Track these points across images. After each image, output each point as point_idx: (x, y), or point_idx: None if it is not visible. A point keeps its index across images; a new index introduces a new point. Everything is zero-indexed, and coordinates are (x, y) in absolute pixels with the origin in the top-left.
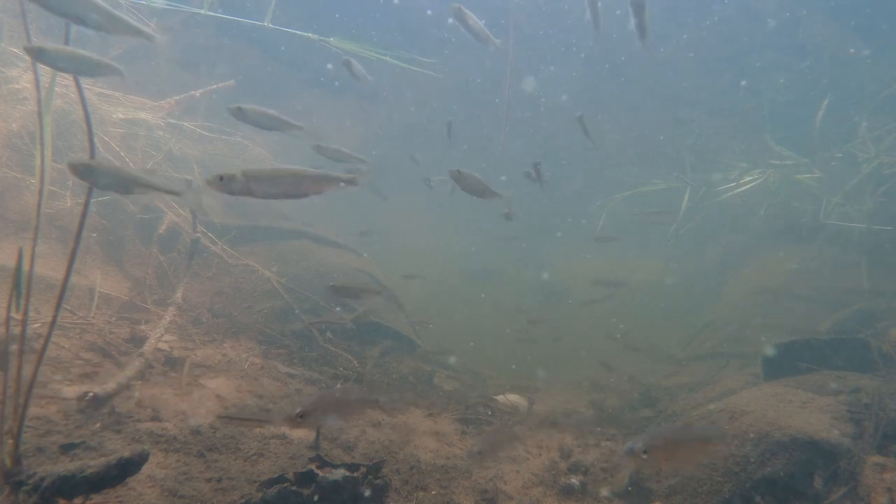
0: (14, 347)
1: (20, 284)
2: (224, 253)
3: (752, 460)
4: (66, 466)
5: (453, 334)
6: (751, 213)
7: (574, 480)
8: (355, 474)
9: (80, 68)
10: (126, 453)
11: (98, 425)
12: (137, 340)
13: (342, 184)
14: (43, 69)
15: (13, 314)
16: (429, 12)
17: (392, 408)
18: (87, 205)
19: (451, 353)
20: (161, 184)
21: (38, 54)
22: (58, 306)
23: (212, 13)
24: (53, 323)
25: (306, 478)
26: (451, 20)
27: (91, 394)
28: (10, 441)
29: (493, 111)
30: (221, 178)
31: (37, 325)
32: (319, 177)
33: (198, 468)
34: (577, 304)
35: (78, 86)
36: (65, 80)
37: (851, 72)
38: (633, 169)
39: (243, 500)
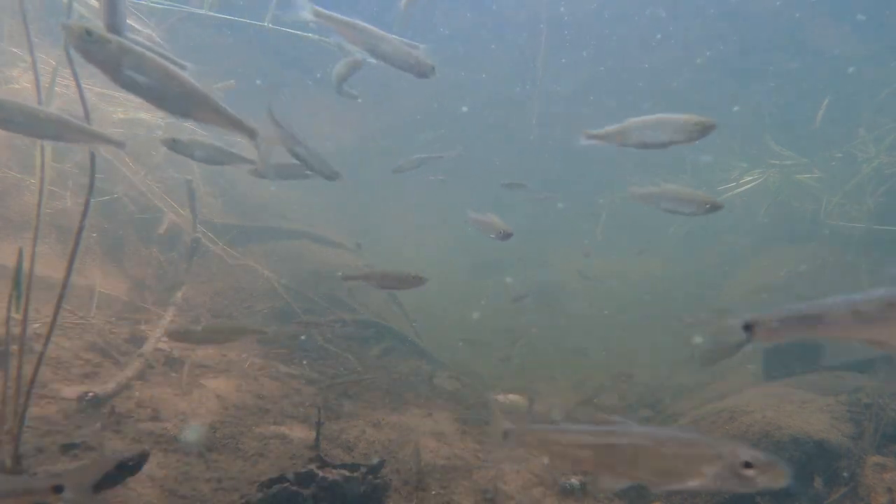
0: (14, 347)
1: (20, 284)
2: (224, 253)
3: None
4: (66, 467)
5: (453, 334)
6: (751, 213)
7: (574, 480)
8: (355, 474)
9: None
10: (126, 453)
11: (98, 425)
12: (137, 340)
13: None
14: (42, 69)
15: (13, 314)
16: None
17: None
18: (87, 205)
19: (451, 353)
20: None
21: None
22: (58, 306)
23: (212, 13)
24: (54, 323)
25: (306, 478)
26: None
27: (91, 394)
28: (11, 441)
29: (503, 107)
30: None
31: (37, 325)
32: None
33: (198, 468)
34: (574, 310)
35: (78, 85)
36: (65, 81)
37: (851, 69)
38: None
39: (243, 501)
